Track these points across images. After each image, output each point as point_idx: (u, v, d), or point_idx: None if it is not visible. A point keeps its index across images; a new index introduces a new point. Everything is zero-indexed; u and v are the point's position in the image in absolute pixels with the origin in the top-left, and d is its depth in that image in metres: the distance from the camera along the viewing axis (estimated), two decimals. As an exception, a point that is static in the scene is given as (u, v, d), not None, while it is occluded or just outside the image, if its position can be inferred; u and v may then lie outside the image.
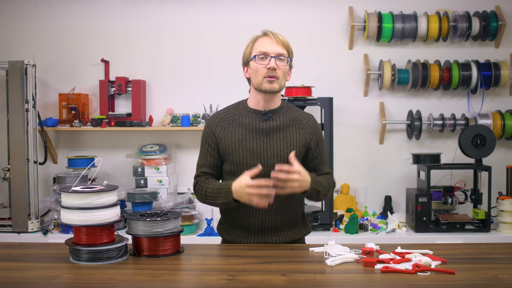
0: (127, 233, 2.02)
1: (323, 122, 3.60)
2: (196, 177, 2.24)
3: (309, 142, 2.18)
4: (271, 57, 2.07)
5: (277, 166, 1.97)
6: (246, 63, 2.17)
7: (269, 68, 2.07)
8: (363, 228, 3.57)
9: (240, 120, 2.17)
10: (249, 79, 2.19)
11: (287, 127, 2.16)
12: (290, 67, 2.17)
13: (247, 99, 2.23)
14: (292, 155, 2.02)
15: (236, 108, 2.22)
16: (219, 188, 2.09)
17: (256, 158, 2.12)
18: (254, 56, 2.10)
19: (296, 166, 2.00)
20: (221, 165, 2.22)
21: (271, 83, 2.09)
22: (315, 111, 3.71)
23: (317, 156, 2.21)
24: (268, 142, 2.14)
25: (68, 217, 1.91)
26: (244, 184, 1.99)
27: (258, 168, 2.00)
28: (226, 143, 2.15)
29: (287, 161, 2.08)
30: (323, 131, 3.57)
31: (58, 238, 3.47)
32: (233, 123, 2.17)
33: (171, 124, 3.88)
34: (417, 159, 3.65)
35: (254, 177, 2.01)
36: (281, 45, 2.10)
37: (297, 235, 2.23)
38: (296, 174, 1.98)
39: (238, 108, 2.22)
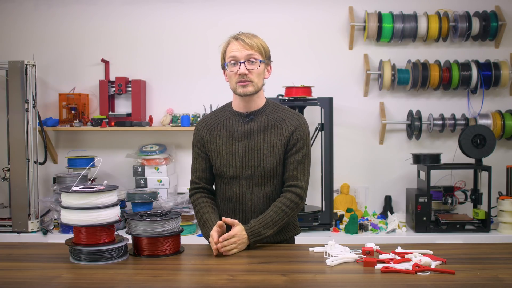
0: (127, 233, 2.02)
1: (323, 122, 3.60)
2: (191, 183, 2.29)
3: (288, 140, 2.16)
4: (241, 62, 2.10)
5: (220, 239, 1.99)
6: (223, 68, 2.21)
7: (239, 74, 2.10)
8: (363, 228, 3.57)
9: (224, 123, 2.21)
10: None
11: (269, 128, 2.17)
12: (267, 64, 2.18)
13: (232, 101, 2.26)
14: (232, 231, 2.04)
15: (221, 111, 2.27)
16: (206, 221, 2.16)
17: (238, 160, 2.16)
18: (226, 63, 2.14)
19: (233, 231, 2.02)
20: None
21: (244, 87, 2.12)
22: (315, 111, 3.71)
23: (292, 155, 2.16)
24: (250, 144, 2.16)
25: (68, 217, 1.91)
26: (210, 234, 2.05)
27: (221, 221, 2.05)
28: (212, 146, 2.21)
29: (267, 163, 2.14)
30: (323, 131, 3.57)
31: (58, 238, 3.46)
32: (218, 126, 2.22)
33: (171, 124, 3.88)
34: (417, 159, 3.65)
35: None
36: (250, 48, 2.11)
37: (284, 235, 2.23)
38: (232, 239, 2.00)
39: (224, 111, 2.26)
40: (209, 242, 2.07)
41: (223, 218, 2.08)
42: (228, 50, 2.15)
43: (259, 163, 2.15)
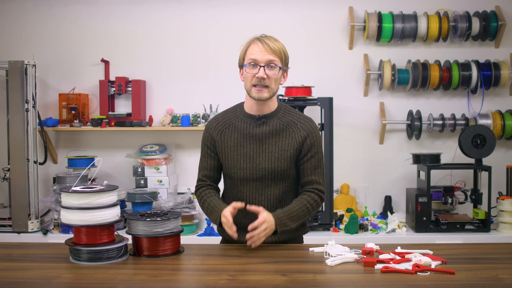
0: (127, 233, 2.02)
1: (323, 122, 3.60)
2: (198, 181, 2.30)
3: (301, 146, 2.18)
4: (260, 66, 2.09)
5: (249, 228, 2.03)
6: (241, 67, 2.20)
7: (257, 77, 2.10)
8: (363, 228, 3.57)
9: (236, 124, 2.21)
10: None
11: (281, 131, 2.18)
12: (285, 70, 2.18)
13: (244, 102, 2.26)
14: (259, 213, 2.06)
15: (233, 111, 2.27)
16: (214, 207, 2.16)
17: (249, 162, 2.17)
18: (245, 64, 2.13)
19: (261, 217, 2.04)
20: (221, 166, 2.27)
21: (259, 92, 2.12)
22: (315, 111, 3.71)
23: (307, 161, 2.19)
24: (261, 147, 2.17)
25: (68, 217, 1.92)
26: (222, 214, 2.08)
27: (242, 204, 2.09)
28: (223, 146, 2.21)
29: (278, 166, 2.15)
30: (323, 131, 3.58)
31: (58, 238, 3.46)
32: (229, 127, 2.22)
33: (171, 124, 3.88)
34: (417, 159, 3.65)
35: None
36: (272, 53, 2.10)
37: (293, 234, 2.24)
38: (263, 225, 2.03)
39: (235, 111, 2.26)
40: (217, 228, 2.13)
41: (248, 206, 2.09)
42: (249, 51, 2.13)
43: (270, 166, 2.15)
